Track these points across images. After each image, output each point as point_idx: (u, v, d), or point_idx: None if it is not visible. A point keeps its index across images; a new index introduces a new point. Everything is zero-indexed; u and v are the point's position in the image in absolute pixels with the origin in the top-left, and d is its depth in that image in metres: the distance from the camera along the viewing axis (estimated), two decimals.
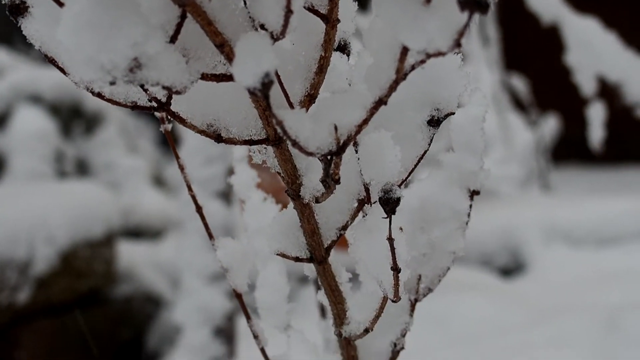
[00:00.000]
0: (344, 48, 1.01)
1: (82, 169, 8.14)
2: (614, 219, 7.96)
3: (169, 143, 1.15)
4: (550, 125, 11.53)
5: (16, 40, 8.96)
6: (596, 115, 4.47)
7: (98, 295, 6.51)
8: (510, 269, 8.02)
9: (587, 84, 3.47)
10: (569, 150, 13.53)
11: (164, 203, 8.22)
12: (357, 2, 0.98)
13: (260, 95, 0.77)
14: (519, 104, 11.47)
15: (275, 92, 0.88)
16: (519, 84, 11.13)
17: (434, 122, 0.99)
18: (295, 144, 0.82)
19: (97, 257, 6.24)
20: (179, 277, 3.84)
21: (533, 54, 13.23)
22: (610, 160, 14.08)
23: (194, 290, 3.58)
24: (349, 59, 1.01)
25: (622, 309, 5.48)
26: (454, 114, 1.00)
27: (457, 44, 0.75)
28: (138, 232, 7.88)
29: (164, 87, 0.81)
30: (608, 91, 3.71)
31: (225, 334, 3.58)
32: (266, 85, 0.76)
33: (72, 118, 8.09)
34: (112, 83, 0.79)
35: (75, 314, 6.08)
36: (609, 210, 8.07)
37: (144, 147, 8.88)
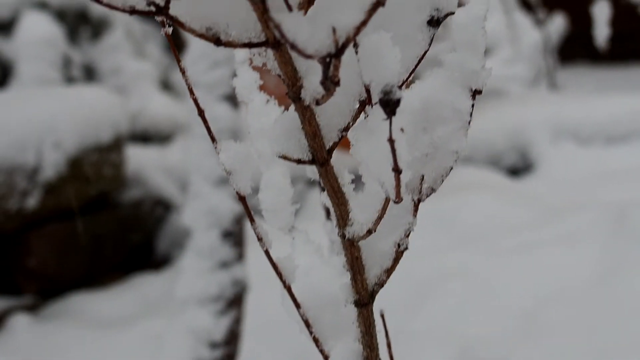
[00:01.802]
0: None
1: (90, 74, 8.13)
2: (622, 116, 7.96)
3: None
4: (557, 24, 11.45)
5: None
6: (601, 14, 4.44)
7: (107, 200, 6.56)
8: (519, 168, 8.05)
9: None
10: (576, 49, 13.44)
11: (171, 107, 8.23)
12: None
13: None
14: (525, 3, 11.38)
15: None
16: None
17: (434, 22, 0.99)
18: (293, 47, 0.82)
19: (106, 162, 6.26)
20: (187, 181, 3.86)
21: None
22: (618, 59, 14.01)
23: (202, 193, 3.60)
24: None
25: (631, 205, 5.51)
26: (453, 13, 0.99)
27: None
28: (146, 137, 7.90)
29: None
30: None
31: (234, 237, 3.61)
32: None
33: (79, 23, 8.06)
34: None
35: (85, 219, 6.13)
36: (617, 108, 8.06)
37: (151, 52, 8.85)
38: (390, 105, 0.90)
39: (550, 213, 5.95)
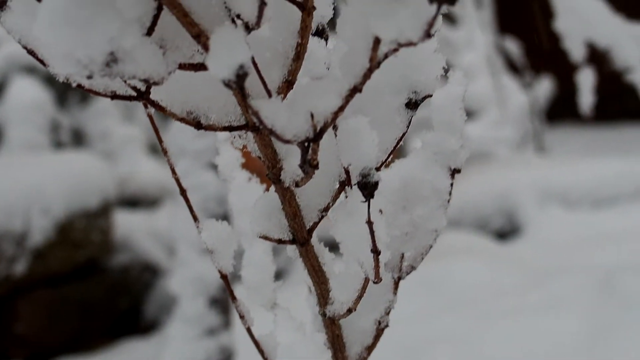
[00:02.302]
0: (321, 33, 1.02)
1: (78, 138, 8.15)
2: (609, 180, 8.00)
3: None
4: (544, 87, 11.54)
5: None
6: (586, 81, 4.49)
7: (95, 265, 6.55)
8: (506, 232, 8.05)
9: (576, 50, 3.49)
10: (563, 109, 13.53)
11: (160, 172, 8.24)
12: None
13: (235, 87, 0.78)
14: (512, 66, 11.47)
15: (252, 80, 0.89)
16: (513, 46, 11.13)
17: (412, 105, 1.01)
18: (272, 132, 0.84)
19: (94, 227, 6.26)
20: (175, 246, 3.87)
21: (526, 16, 13.23)
22: (604, 119, 14.09)
23: (189, 261, 3.60)
24: (326, 43, 1.02)
25: (618, 270, 5.52)
26: (431, 96, 1.01)
27: (427, 35, 0.76)
28: (134, 201, 7.90)
29: (141, 80, 0.83)
30: (598, 56, 3.72)
31: (221, 304, 3.61)
32: (241, 77, 0.78)
33: (67, 88, 8.10)
34: (89, 77, 0.80)
35: (73, 284, 6.12)
36: (604, 171, 8.10)
37: (139, 116, 8.89)
38: (368, 188, 0.91)
39: (538, 277, 5.95)
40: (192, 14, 0.84)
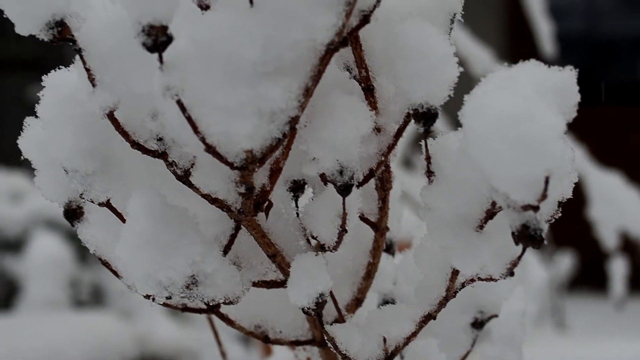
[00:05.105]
0: (389, 248, 1.03)
1: (98, 296, 8.13)
2: None
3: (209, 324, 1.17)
4: (566, 262, 11.45)
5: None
6: (617, 271, 4.49)
7: None
8: None
9: (609, 238, 3.50)
10: (585, 278, 13.44)
11: (177, 332, 8.18)
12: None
13: (314, 314, 0.78)
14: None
15: None
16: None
17: (478, 325, 1.00)
18: (345, 357, 0.84)
19: None
20: None
21: None
22: (629, 290, 13.94)
23: None
24: (394, 258, 1.03)
25: None
26: (497, 316, 1.01)
27: (511, 273, 0.76)
28: None
29: (220, 302, 0.83)
30: (630, 245, 3.75)
31: None
32: (320, 304, 0.78)
33: None
34: (168, 298, 0.80)
35: None
36: (628, 353, 7.97)
37: None
38: None
39: None
40: (269, 234, 0.85)
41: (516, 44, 9.44)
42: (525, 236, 0.72)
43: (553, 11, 4.52)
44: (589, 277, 11.99)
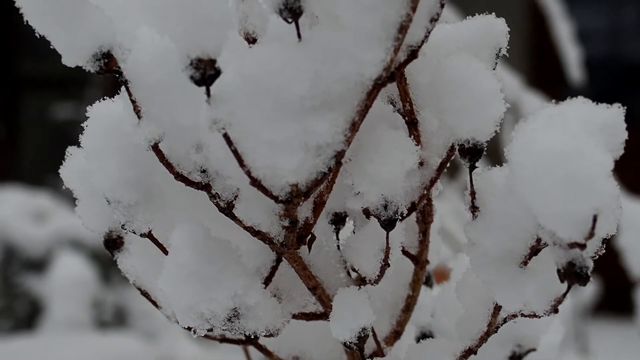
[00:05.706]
0: (427, 280, 1.02)
1: (121, 317, 8.13)
2: None
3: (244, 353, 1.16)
4: (590, 287, 11.42)
5: (58, 184, 9.06)
6: None
7: None
8: None
9: (636, 266, 3.48)
10: (609, 303, 13.38)
11: (200, 354, 8.17)
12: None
13: (356, 348, 0.78)
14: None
15: None
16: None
17: (516, 358, 1.00)
18: None
19: None
20: None
21: None
22: None
23: None
24: (432, 290, 1.03)
25: None
26: (535, 350, 1.00)
27: (555, 310, 0.76)
28: None
29: (261, 335, 0.83)
30: None
31: None
32: (362, 339, 0.78)
33: (112, 265, 8.13)
34: (210, 330, 0.80)
35: None
36: None
37: None
38: None
39: None
40: (310, 267, 0.85)
41: (540, 70, 9.43)
42: (572, 273, 0.71)
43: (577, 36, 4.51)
44: (613, 303, 11.94)
